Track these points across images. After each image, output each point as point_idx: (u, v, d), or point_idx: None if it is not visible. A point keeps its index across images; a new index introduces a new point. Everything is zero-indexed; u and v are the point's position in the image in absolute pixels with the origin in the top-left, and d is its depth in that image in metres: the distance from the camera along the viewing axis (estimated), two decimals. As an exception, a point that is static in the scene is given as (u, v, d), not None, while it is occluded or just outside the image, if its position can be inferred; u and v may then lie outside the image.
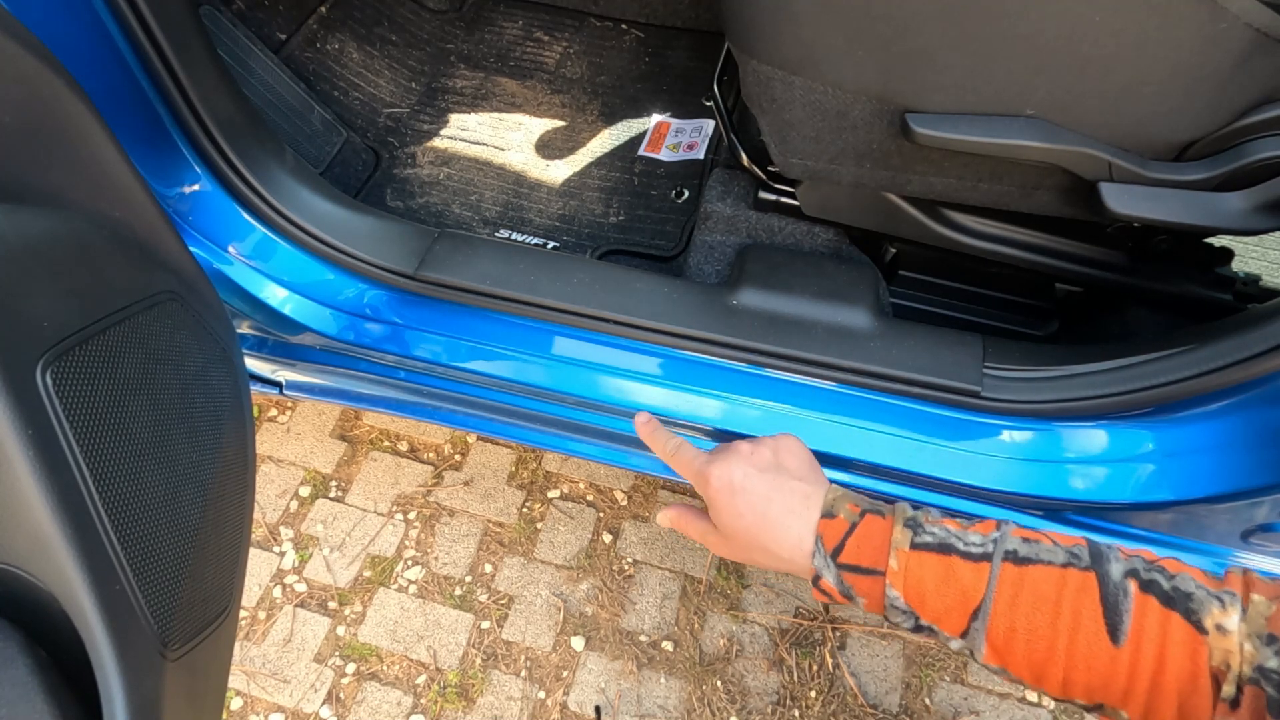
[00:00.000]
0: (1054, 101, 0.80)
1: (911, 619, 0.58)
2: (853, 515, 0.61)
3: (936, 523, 0.59)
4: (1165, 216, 0.84)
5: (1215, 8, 0.70)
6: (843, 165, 0.94)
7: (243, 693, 1.39)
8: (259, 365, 1.13)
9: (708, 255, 1.14)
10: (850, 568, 0.60)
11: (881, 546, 0.59)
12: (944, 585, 0.56)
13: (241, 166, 0.96)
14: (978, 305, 1.12)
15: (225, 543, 0.64)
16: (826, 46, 0.82)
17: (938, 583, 0.56)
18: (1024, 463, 0.94)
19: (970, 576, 0.55)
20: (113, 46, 0.84)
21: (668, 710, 1.39)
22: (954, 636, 0.57)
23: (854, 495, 0.64)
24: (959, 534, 0.58)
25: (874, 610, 0.60)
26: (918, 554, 0.57)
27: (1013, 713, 1.39)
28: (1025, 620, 0.53)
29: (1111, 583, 0.52)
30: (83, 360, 0.52)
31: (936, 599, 0.56)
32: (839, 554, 0.60)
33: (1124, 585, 0.52)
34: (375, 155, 1.43)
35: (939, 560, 0.57)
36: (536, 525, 1.57)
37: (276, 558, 1.52)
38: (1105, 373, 0.90)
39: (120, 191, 0.65)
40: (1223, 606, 0.50)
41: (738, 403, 0.99)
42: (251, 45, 1.32)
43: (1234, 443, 0.88)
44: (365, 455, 1.65)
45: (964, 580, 0.56)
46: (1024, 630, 0.54)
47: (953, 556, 0.56)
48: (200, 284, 0.72)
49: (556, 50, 1.65)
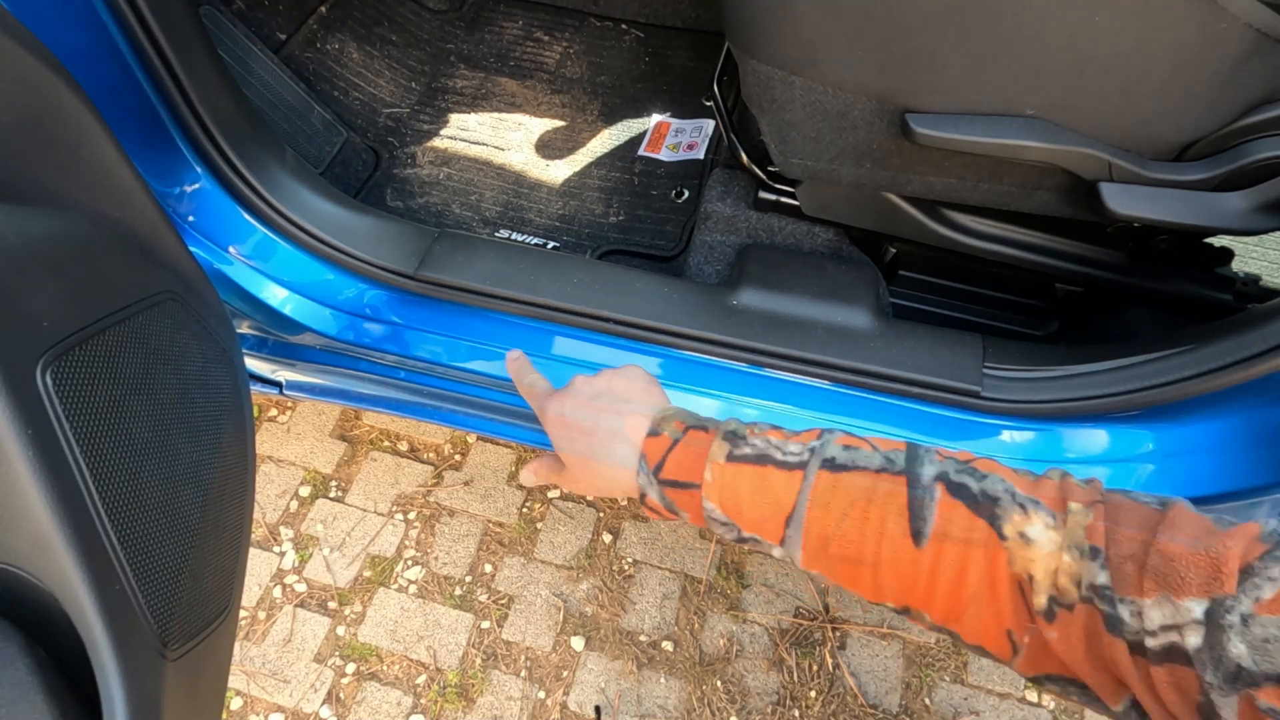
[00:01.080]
0: (1054, 101, 0.80)
1: (733, 530, 0.58)
2: (676, 432, 0.61)
3: (760, 435, 0.59)
4: (1165, 216, 0.84)
5: (1215, 8, 0.70)
6: (843, 165, 0.94)
7: (243, 693, 1.39)
8: (259, 365, 1.13)
9: (708, 255, 1.14)
10: (671, 483, 0.60)
11: (699, 460, 0.59)
12: (759, 495, 0.56)
13: (241, 166, 0.96)
14: (978, 305, 1.12)
15: (225, 543, 0.64)
16: (826, 46, 0.82)
17: (753, 493, 0.57)
18: (1024, 463, 0.94)
19: (784, 485, 0.56)
20: (113, 46, 0.84)
21: (668, 710, 1.39)
22: (774, 544, 0.57)
23: (685, 414, 0.64)
24: (779, 444, 0.58)
25: (697, 523, 0.60)
26: (734, 466, 0.57)
27: (1013, 713, 1.39)
28: (836, 525, 0.54)
29: (920, 485, 0.52)
30: (83, 360, 0.52)
31: (752, 508, 0.57)
32: (660, 470, 0.61)
33: (931, 489, 0.52)
34: (375, 155, 1.43)
35: (754, 471, 0.57)
36: (536, 525, 1.57)
37: (276, 558, 1.52)
38: (1105, 373, 0.90)
39: (120, 191, 0.65)
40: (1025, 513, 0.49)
41: (738, 403, 0.99)
42: (251, 45, 1.32)
43: (1234, 443, 0.88)
44: (365, 455, 1.65)
45: (778, 489, 0.56)
46: (836, 535, 0.54)
47: (768, 466, 0.57)
48: (200, 284, 0.72)
49: (556, 50, 1.65)
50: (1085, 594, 0.45)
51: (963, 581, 0.50)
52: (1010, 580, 0.49)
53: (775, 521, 0.56)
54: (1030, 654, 0.49)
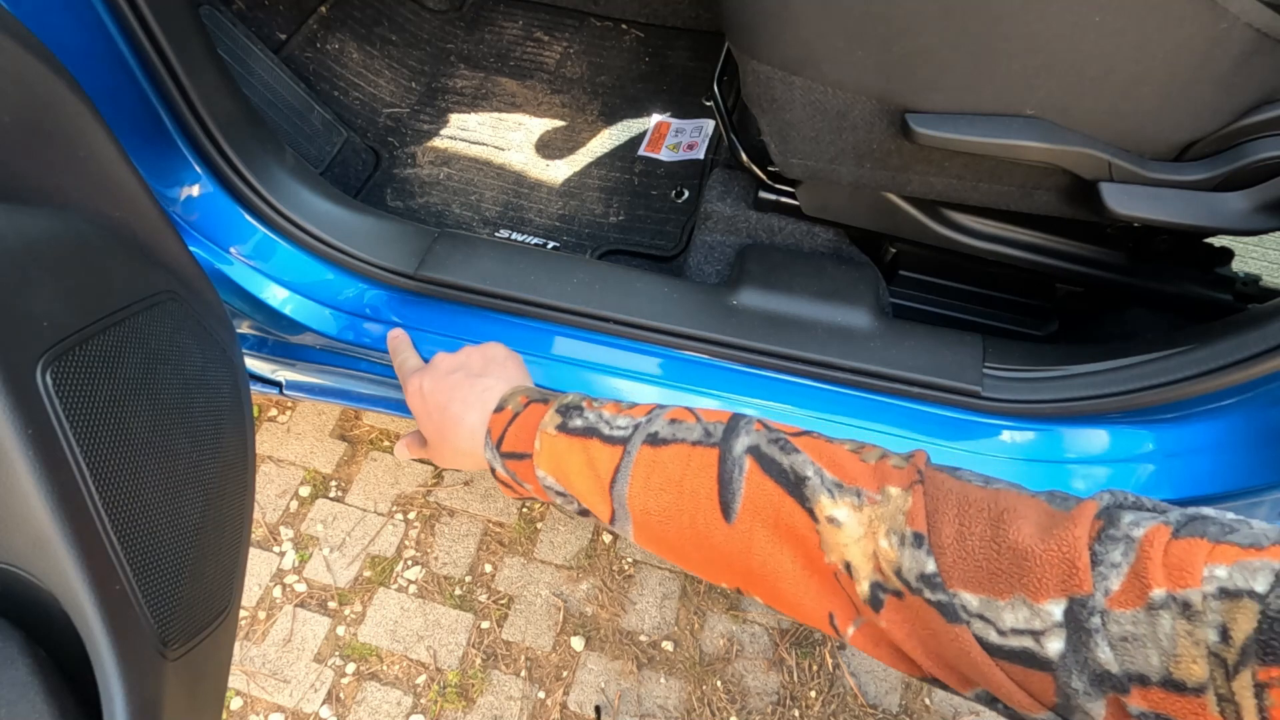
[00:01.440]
0: (1054, 101, 0.80)
1: (572, 502, 0.59)
2: (519, 405, 0.62)
3: (596, 409, 0.59)
4: (1165, 216, 0.84)
5: (1215, 8, 0.70)
6: (843, 165, 0.94)
7: (243, 693, 1.39)
8: (259, 365, 1.13)
9: (708, 255, 1.14)
10: (510, 454, 0.61)
11: (531, 430, 0.60)
12: (585, 469, 0.56)
13: (242, 166, 0.96)
14: (978, 305, 1.12)
15: (225, 543, 0.64)
16: (826, 46, 0.82)
17: (580, 466, 0.57)
18: (1024, 463, 0.94)
19: (605, 460, 0.56)
20: (113, 46, 0.83)
21: (668, 710, 1.39)
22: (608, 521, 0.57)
23: (534, 390, 0.64)
24: (610, 418, 0.58)
25: (541, 496, 0.61)
26: (563, 437, 0.58)
27: (1013, 713, 1.39)
28: (656, 501, 0.53)
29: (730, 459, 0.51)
30: (83, 360, 0.52)
31: (580, 481, 0.57)
32: (501, 443, 0.61)
33: (740, 462, 0.51)
34: (375, 155, 1.43)
35: (580, 443, 0.57)
36: (536, 525, 1.57)
37: (276, 558, 1.52)
38: (1105, 373, 0.90)
39: (120, 191, 0.65)
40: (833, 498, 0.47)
41: (738, 403, 0.99)
42: (251, 45, 1.32)
43: (1234, 443, 0.88)
44: (365, 455, 1.65)
45: (599, 463, 0.56)
46: (656, 511, 0.53)
47: (593, 440, 0.57)
48: (200, 284, 0.72)
49: (556, 50, 1.65)
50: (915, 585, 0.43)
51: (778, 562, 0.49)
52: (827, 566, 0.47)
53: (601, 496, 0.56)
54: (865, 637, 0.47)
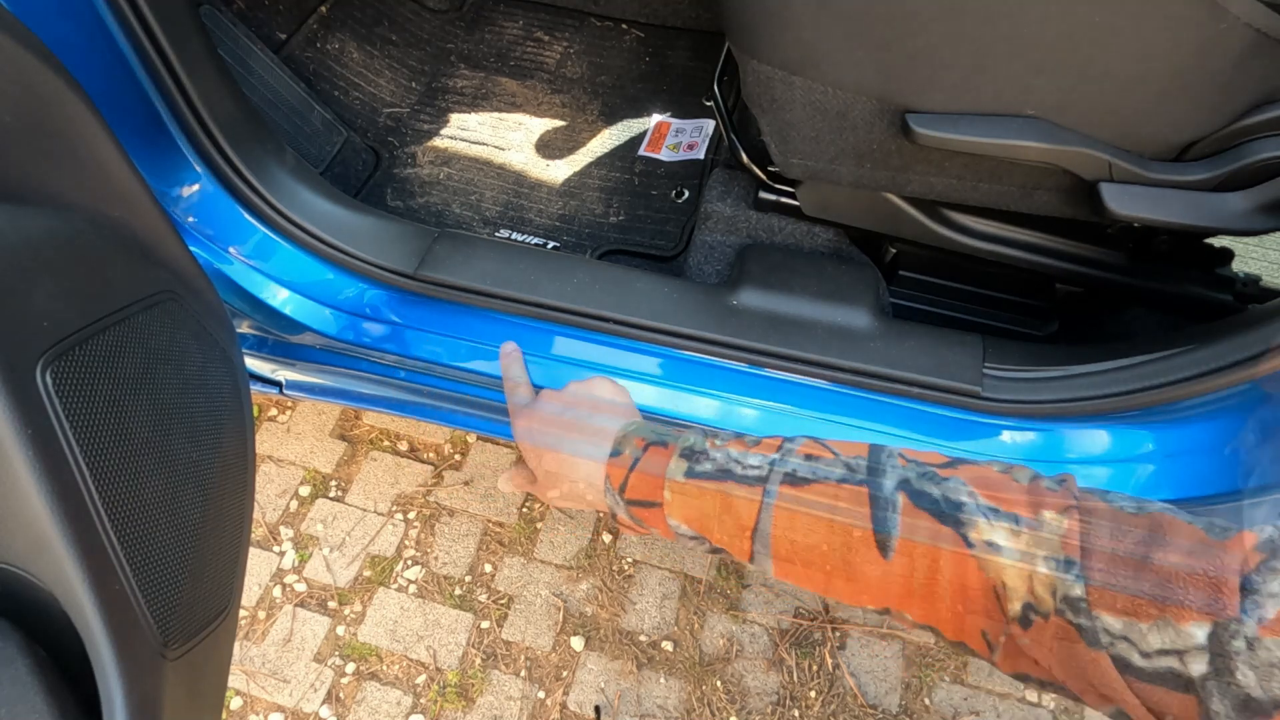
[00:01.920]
0: (1054, 101, 0.80)
1: (704, 543, 0.59)
2: (637, 450, 0.62)
3: (721, 447, 0.59)
4: (1166, 217, 0.84)
5: (1215, 8, 0.70)
6: (843, 165, 0.94)
7: (243, 692, 1.39)
8: (259, 365, 1.13)
9: (708, 255, 1.14)
10: (636, 503, 0.61)
11: (658, 479, 0.60)
12: (724, 513, 0.57)
13: (242, 166, 0.96)
14: (978, 305, 1.12)
15: (225, 542, 0.64)
16: (826, 47, 0.82)
17: (718, 510, 0.57)
18: (1024, 464, 0.94)
19: (744, 503, 0.56)
20: (113, 46, 0.84)
21: (667, 710, 1.39)
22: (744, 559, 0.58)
23: (647, 428, 0.65)
24: (740, 457, 0.58)
25: (669, 538, 0.61)
26: (694, 484, 0.58)
27: (1013, 713, 1.39)
28: (803, 539, 0.54)
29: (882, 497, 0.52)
30: (83, 360, 0.52)
31: (717, 525, 0.57)
32: (624, 490, 0.62)
33: (894, 499, 0.52)
34: (375, 155, 1.43)
35: (715, 488, 0.57)
36: (536, 525, 1.57)
37: (276, 557, 1.52)
38: (1105, 373, 0.90)
39: (120, 191, 0.65)
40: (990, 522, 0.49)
41: (738, 403, 0.99)
42: (251, 45, 1.32)
43: (1234, 443, 0.88)
44: (365, 455, 1.65)
45: (739, 506, 0.56)
46: (803, 549, 0.54)
47: (728, 483, 0.57)
48: (200, 284, 0.72)
49: (556, 50, 1.65)
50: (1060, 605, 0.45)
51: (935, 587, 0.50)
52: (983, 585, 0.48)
53: (741, 538, 0.57)
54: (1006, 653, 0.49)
